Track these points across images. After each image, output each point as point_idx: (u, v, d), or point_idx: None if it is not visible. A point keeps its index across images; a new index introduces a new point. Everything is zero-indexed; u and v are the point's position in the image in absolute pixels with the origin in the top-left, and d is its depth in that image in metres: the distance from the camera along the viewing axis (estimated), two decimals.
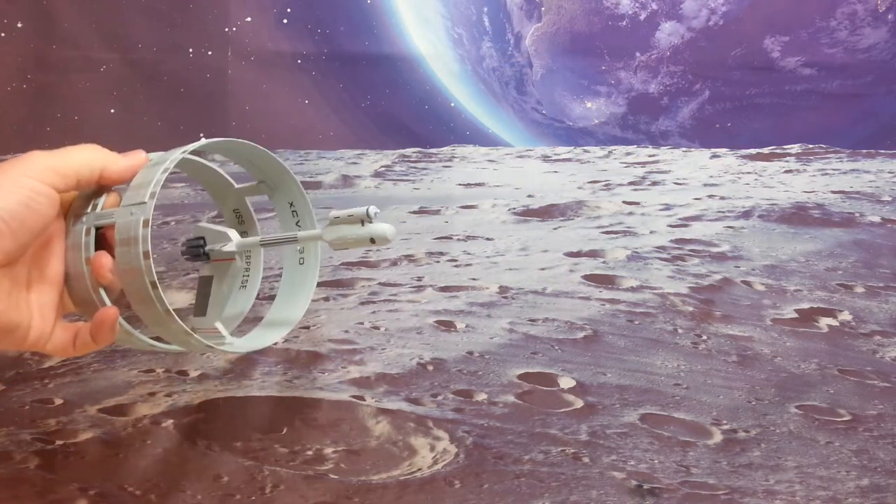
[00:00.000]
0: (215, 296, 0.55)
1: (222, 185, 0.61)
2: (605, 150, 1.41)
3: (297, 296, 0.60)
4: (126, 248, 0.45)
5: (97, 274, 0.47)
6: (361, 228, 0.47)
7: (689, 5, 1.08)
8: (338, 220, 0.48)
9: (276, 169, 0.57)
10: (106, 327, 0.47)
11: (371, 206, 0.46)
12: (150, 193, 0.45)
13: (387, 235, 0.46)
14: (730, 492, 0.55)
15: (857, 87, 1.08)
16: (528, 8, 0.98)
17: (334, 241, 0.48)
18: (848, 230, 1.30)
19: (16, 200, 0.43)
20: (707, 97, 1.17)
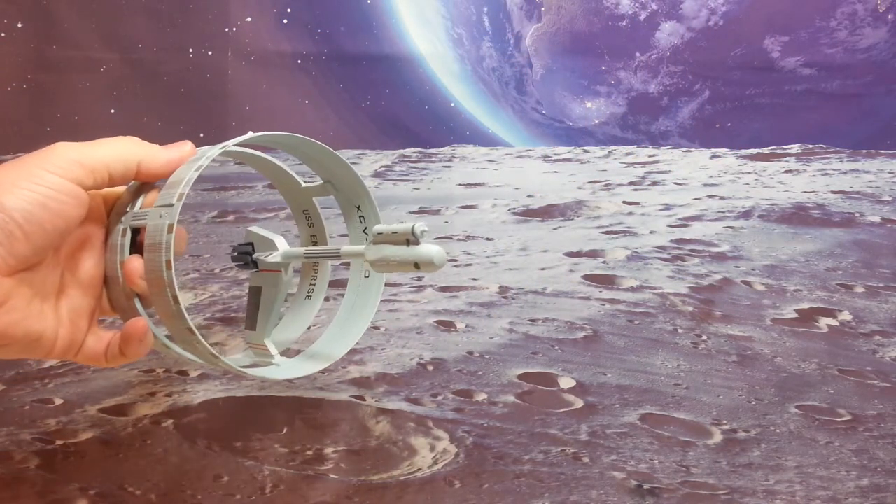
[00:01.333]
0: (264, 309, 0.52)
1: (290, 183, 0.56)
2: (605, 150, 1.41)
3: (355, 315, 0.55)
4: (152, 254, 0.42)
5: (128, 280, 0.43)
6: (406, 250, 0.40)
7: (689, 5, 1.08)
8: (380, 236, 0.41)
9: (338, 167, 0.52)
10: (134, 341, 0.43)
11: (418, 223, 0.40)
12: (178, 195, 0.42)
13: (433, 261, 0.39)
14: (730, 492, 0.55)
15: (857, 87, 1.08)
16: (528, 8, 0.98)
17: (376, 262, 0.42)
18: (848, 230, 1.30)
19: (31, 200, 0.38)
20: (707, 97, 1.17)
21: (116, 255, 0.43)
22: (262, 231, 0.51)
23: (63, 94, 0.82)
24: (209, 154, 0.44)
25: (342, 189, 0.53)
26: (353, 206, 0.54)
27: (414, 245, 0.40)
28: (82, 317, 0.44)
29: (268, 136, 0.47)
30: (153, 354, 0.76)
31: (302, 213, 0.58)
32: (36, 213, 0.39)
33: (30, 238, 0.38)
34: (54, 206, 0.39)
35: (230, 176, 1.57)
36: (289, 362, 0.52)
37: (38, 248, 0.39)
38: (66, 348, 0.42)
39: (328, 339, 0.54)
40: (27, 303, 0.40)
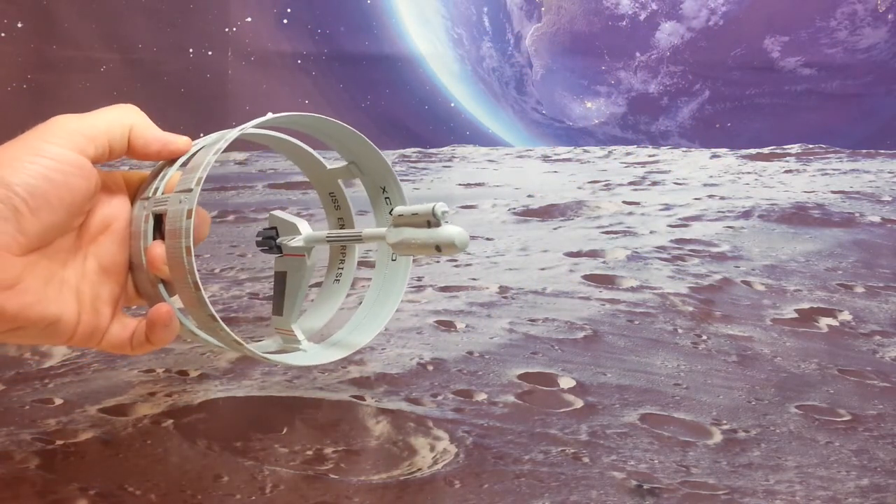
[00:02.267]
0: (290, 294, 0.50)
1: (315, 166, 0.55)
2: (605, 150, 1.41)
3: (381, 301, 0.54)
4: (172, 240, 0.40)
5: (152, 266, 0.42)
6: (426, 232, 0.38)
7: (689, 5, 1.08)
8: (401, 218, 0.40)
9: (362, 148, 0.50)
10: (159, 326, 0.42)
11: (439, 203, 0.38)
12: (196, 179, 0.40)
13: (454, 242, 0.37)
14: (730, 492, 0.55)
15: (857, 87, 1.08)
16: (528, 8, 0.98)
17: (397, 244, 0.40)
18: (848, 230, 1.30)
19: (34, 173, 0.37)
20: (707, 97, 1.17)
21: (140, 241, 0.42)
22: (285, 215, 0.49)
23: (63, 94, 0.82)
24: (227, 136, 0.43)
25: (367, 171, 0.52)
26: (379, 189, 0.53)
27: (435, 227, 0.38)
28: (106, 303, 0.42)
29: (287, 117, 0.46)
30: (153, 354, 0.76)
31: (328, 196, 0.56)
32: (40, 187, 0.37)
33: (37, 213, 0.37)
34: (58, 177, 0.38)
35: (230, 176, 1.57)
36: (314, 349, 0.51)
37: (47, 224, 0.38)
38: (89, 335, 0.41)
39: (354, 325, 0.53)
40: (43, 285, 0.38)
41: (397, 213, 0.40)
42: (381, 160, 0.51)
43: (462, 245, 0.38)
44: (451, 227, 0.38)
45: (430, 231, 0.38)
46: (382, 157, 0.51)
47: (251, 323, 0.83)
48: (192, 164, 0.43)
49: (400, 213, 0.40)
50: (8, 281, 0.36)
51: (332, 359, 0.49)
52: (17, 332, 0.38)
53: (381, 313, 0.53)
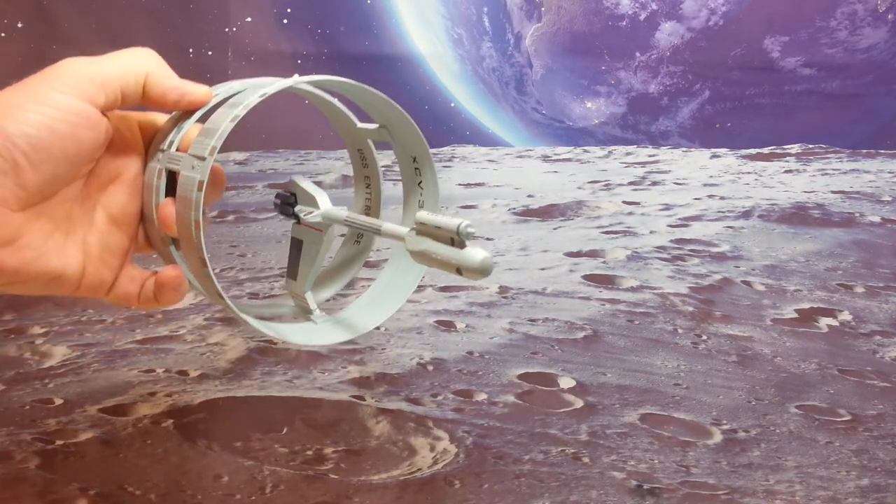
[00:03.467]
0: (305, 263, 0.49)
1: (345, 121, 0.53)
2: (605, 150, 1.41)
3: (395, 283, 0.52)
4: (183, 208, 0.38)
5: (163, 225, 0.39)
6: (449, 250, 0.36)
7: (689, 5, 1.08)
8: (424, 227, 0.37)
9: (392, 113, 0.48)
10: (168, 289, 0.40)
11: (465, 221, 0.35)
12: (210, 148, 0.38)
13: (477, 269, 0.35)
14: (730, 492, 0.55)
15: (857, 87, 1.08)
16: (528, 8, 0.98)
17: (416, 253, 0.38)
18: (848, 230, 1.30)
19: (36, 123, 0.34)
20: (707, 97, 1.17)
21: (152, 195, 0.40)
22: (307, 184, 0.47)
23: None
24: (247, 103, 0.40)
25: (398, 137, 0.50)
26: (409, 157, 0.51)
27: (458, 246, 0.35)
28: (114, 255, 0.40)
29: (315, 80, 0.44)
30: (153, 354, 0.76)
31: (357, 153, 0.55)
32: (42, 138, 0.34)
33: (37, 167, 0.34)
34: (63, 128, 0.35)
35: (230, 176, 1.57)
36: (323, 322, 0.50)
37: (48, 178, 0.35)
38: (95, 286, 0.39)
39: (362, 306, 0.51)
40: (44, 239, 0.36)
41: (421, 219, 0.37)
42: (413, 129, 0.49)
43: (485, 273, 0.35)
44: (477, 252, 0.35)
45: (453, 250, 0.36)
46: (415, 125, 0.48)
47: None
48: (210, 124, 0.40)
49: (423, 221, 0.37)
50: (6, 237, 0.35)
51: (332, 341, 0.48)
52: (18, 286, 0.36)
53: (395, 295, 0.51)
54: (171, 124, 0.42)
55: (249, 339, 0.79)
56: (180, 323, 0.83)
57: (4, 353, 0.76)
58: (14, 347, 0.77)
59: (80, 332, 0.81)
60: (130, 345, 0.78)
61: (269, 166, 1.77)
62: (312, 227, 0.47)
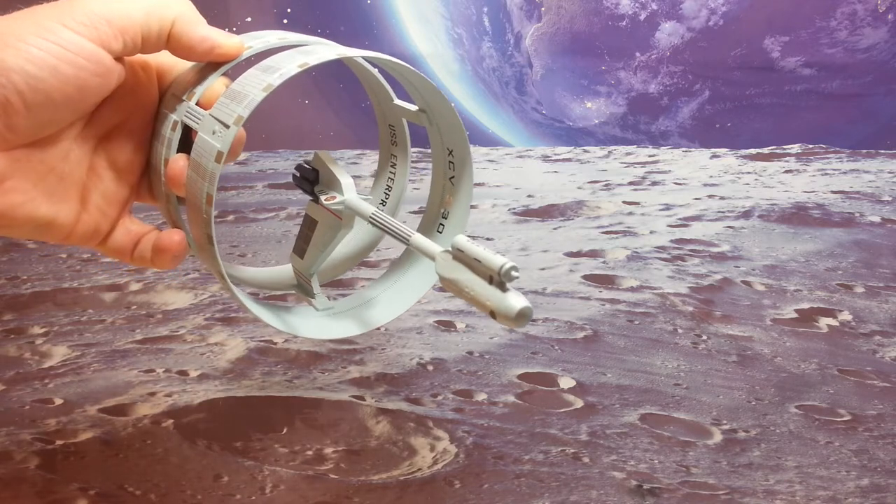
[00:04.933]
0: (315, 245, 0.45)
1: (382, 94, 0.49)
2: (605, 150, 1.41)
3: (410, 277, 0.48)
4: (196, 175, 0.35)
5: (170, 182, 0.36)
6: (486, 289, 0.32)
7: (689, 5, 1.08)
8: (461, 255, 0.33)
9: (435, 98, 0.44)
10: (167, 255, 0.37)
11: (510, 262, 0.31)
12: (236, 118, 0.35)
13: (515, 319, 0.32)
14: (730, 492, 0.55)
15: (857, 87, 1.08)
16: (528, 8, 0.98)
17: (447, 280, 0.34)
18: (848, 230, 1.30)
19: (39, 60, 0.30)
20: (707, 97, 1.17)
21: (163, 146, 0.37)
22: (332, 164, 0.42)
23: None
24: (284, 72, 0.37)
25: (437, 124, 0.46)
26: (445, 149, 0.47)
27: (497, 287, 0.32)
28: (113, 204, 0.37)
29: (360, 55, 0.41)
30: (153, 354, 0.76)
31: (388, 128, 0.51)
32: (43, 79, 0.30)
33: (32, 110, 0.30)
34: (68, 71, 0.31)
35: (230, 176, 1.57)
36: (325, 310, 0.46)
37: (42, 122, 0.31)
38: (89, 235, 0.36)
39: (374, 298, 0.48)
40: (34, 183, 0.32)
41: (459, 245, 0.33)
42: (455, 119, 0.45)
43: (522, 323, 0.32)
44: (517, 299, 0.32)
45: (491, 291, 0.32)
46: (458, 117, 0.45)
47: (251, 323, 0.83)
48: (239, 86, 0.37)
49: (462, 248, 0.33)
50: None
51: (345, 334, 0.46)
52: (4, 230, 0.33)
53: (410, 290, 0.47)
54: (195, 73, 0.38)
55: (249, 339, 0.79)
56: (180, 323, 0.83)
57: (4, 353, 0.76)
58: (14, 347, 0.77)
59: (80, 332, 0.81)
60: (130, 345, 0.78)
61: (269, 166, 1.77)
62: (331, 211, 0.43)
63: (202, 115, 0.36)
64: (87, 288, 0.90)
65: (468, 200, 0.48)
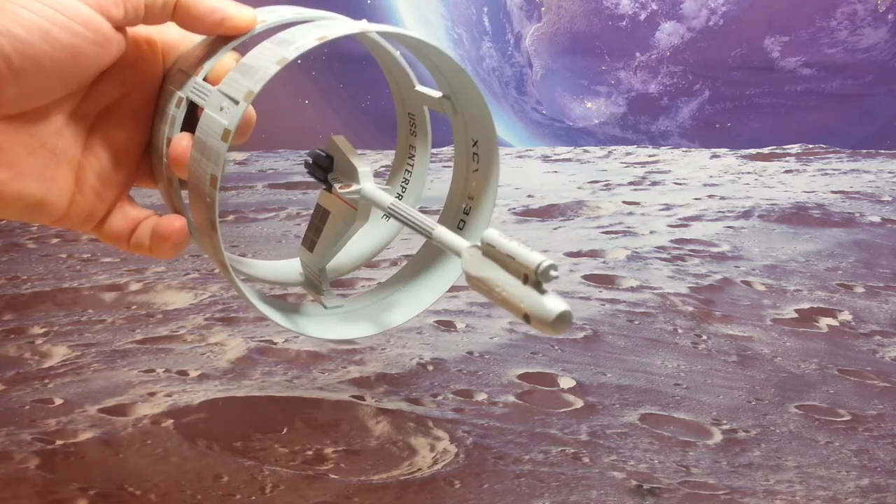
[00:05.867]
0: (326, 238, 0.41)
1: (402, 79, 0.45)
2: (605, 150, 1.41)
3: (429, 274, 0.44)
4: (200, 155, 0.32)
5: (172, 164, 0.33)
6: (520, 289, 0.28)
7: (689, 5, 1.08)
8: (491, 251, 0.29)
9: (462, 82, 0.40)
10: (165, 243, 0.34)
11: (548, 259, 0.27)
12: (246, 93, 0.32)
13: (552, 323, 0.28)
14: (730, 492, 0.55)
15: (857, 87, 1.08)
16: (528, 8, 0.98)
17: (474, 279, 0.30)
18: (848, 230, 1.30)
19: (31, 24, 0.27)
20: (707, 97, 1.17)
21: (165, 124, 0.34)
22: (349, 151, 0.39)
23: None
24: (299, 45, 0.34)
25: (462, 112, 0.42)
26: (469, 140, 0.43)
27: (533, 288, 0.28)
28: (110, 186, 0.34)
29: (384, 30, 0.38)
30: (153, 354, 0.76)
31: (406, 117, 0.47)
32: (33, 44, 0.27)
33: (20, 77, 0.27)
34: (62, 38, 0.28)
35: (230, 176, 1.57)
36: (334, 308, 0.42)
37: (30, 91, 0.29)
38: (83, 219, 0.33)
39: (387, 297, 0.45)
40: (24, 157, 0.30)
41: (489, 239, 0.29)
42: (482, 108, 0.41)
43: (560, 331, 0.28)
44: (556, 303, 0.27)
45: (525, 291, 0.28)
46: (486, 105, 0.41)
47: (251, 323, 0.83)
48: (250, 59, 0.34)
49: (492, 243, 0.29)
50: None
51: (357, 334, 0.42)
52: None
53: (428, 287, 0.44)
54: (204, 47, 0.35)
55: (249, 339, 0.79)
56: (180, 323, 0.83)
57: (4, 353, 0.76)
58: (14, 347, 0.77)
59: (80, 332, 0.81)
60: (130, 345, 0.78)
61: (269, 166, 1.77)
62: (346, 201, 0.40)
63: (210, 90, 0.33)
64: (87, 288, 0.90)
65: (493, 196, 0.44)
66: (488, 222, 0.46)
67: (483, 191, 0.45)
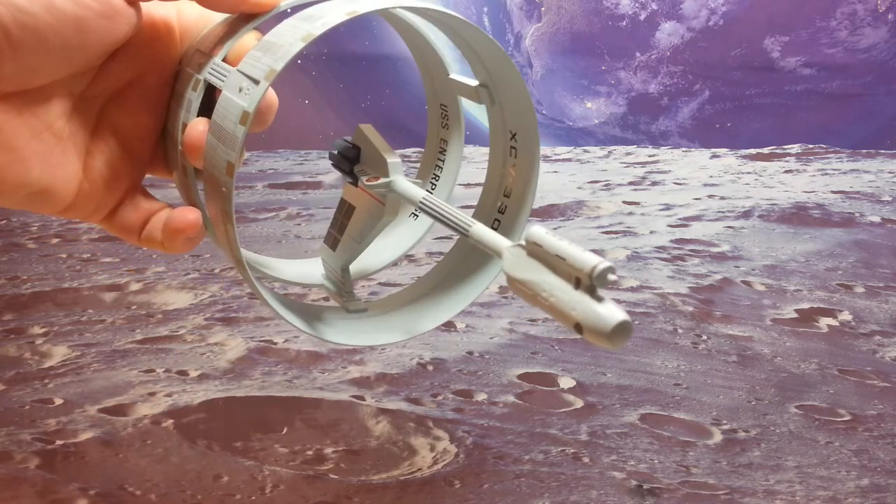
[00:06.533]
0: (350, 235, 0.39)
1: (435, 66, 0.42)
2: (605, 150, 1.41)
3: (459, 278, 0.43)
4: (216, 142, 0.30)
5: (188, 151, 0.31)
6: (571, 294, 0.25)
7: (689, 5, 1.08)
8: (538, 250, 0.26)
9: (502, 69, 0.37)
10: (178, 238, 0.32)
11: (605, 261, 0.24)
12: (267, 72, 0.30)
13: (608, 333, 0.24)
14: (730, 492, 0.55)
15: (857, 87, 1.08)
16: (528, 8, 0.98)
17: (517, 282, 0.27)
18: (848, 230, 1.30)
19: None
20: (707, 97, 1.17)
21: (181, 109, 0.32)
22: (377, 139, 0.36)
23: None
24: (326, 20, 0.32)
25: (501, 102, 0.39)
26: (507, 132, 0.40)
27: (586, 293, 0.25)
28: (120, 175, 0.32)
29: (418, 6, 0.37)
30: (153, 354, 0.76)
31: (438, 109, 0.44)
32: (35, 15, 0.26)
33: (20, 51, 0.26)
34: (67, 7, 0.26)
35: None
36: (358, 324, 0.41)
37: (31, 67, 0.27)
38: (91, 210, 0.31)
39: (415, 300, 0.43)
40: (26, 141, 0.28)
41: (536, 237, 0.27)
42: (524, 98, 0.38)
43: (618, 343, 0.25)
44: (613, 310, 0.24)
45: (577, 297, 0.25)
46: (528, 94, 0.38)
47: (251, 323, 0.83)
48: (272, 36, 0.32)
49: (538, 242, 0.26)
50: None
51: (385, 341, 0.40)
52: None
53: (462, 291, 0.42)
54: (224, 27, 0.33)
55: (249, 339, 0.79)
56: (180, 323, 0.83)
57: (4, 353, 0.76)
58: (14, 347, 0.77)
59: (80, 332, 0.81)
60: (130, 345, 0.78)
61: (269, 166, 1.77)
62: (373, 195, 0.37)
63: (229, 71, 0.31)
64: (87, 288, 0.90)
65: (532, 194, 0.41)
66: (525, 223, 0.42)
67: (522, 188, 0.42)
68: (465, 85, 0.40)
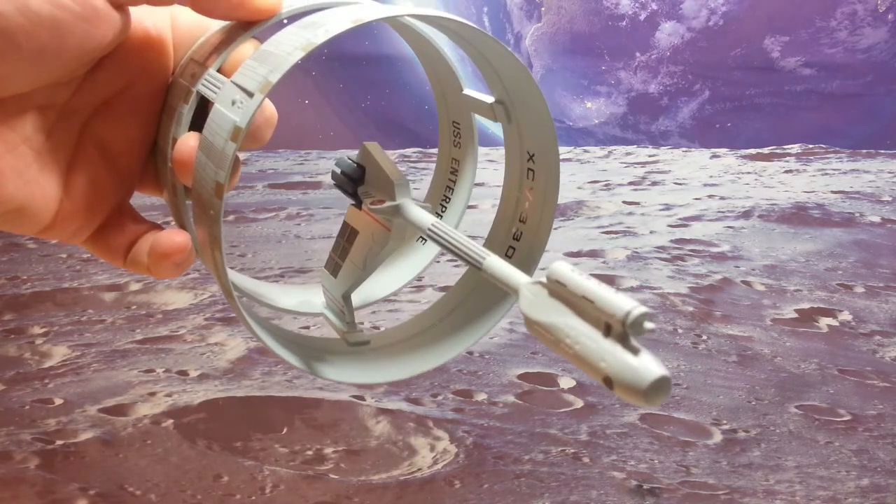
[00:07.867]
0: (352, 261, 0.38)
1: (447, 79, 0.42)
2: (605, 150, 1.41)
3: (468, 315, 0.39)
4: (205, 157, 0.28)
5: (177, 168, 0.28)
6: (600, 343, 0.21)
7: (689, 5, 1.08)
8: (560, 290, 0.23)
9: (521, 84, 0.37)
10: (165, 262, 0.28)
11: (641, 306, 0.19)
12: (262, 84, 0.28)
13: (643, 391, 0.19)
14: (730, 492, 0.55)
15: (857, 87, 1.08)
16: (528, 8, 0.98)
17: (536, 324, 0.23)
18: (848, 230, 1.30)
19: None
20: (707, 97, 1.17)
21: (172, 122, 0.29)
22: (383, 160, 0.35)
23: None
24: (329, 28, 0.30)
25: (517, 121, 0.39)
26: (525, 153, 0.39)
27: (618, 342, 0.21)
28: (105, 194, 0.29)
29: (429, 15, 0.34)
30: (153, 354, 0.76)
31: (450, 125, 0.43)
32: (13, 21, 0.23)
33: None
34: (42, 9, 0.24)
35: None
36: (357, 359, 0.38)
37: (2, 74, 0.24)
38: (73, 230, 0.28)
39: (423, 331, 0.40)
40: (0, 155, 0.25)
41: (559, 275, 0.23)
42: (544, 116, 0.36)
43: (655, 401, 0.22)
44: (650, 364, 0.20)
45: (607, 347, 0.21)
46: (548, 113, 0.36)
47: None
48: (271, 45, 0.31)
49: (562, 280, 0.23)
50: None
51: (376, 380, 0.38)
52: None
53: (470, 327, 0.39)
54: (220, 35, 0.30)
55: (249, 339, 0.79)
56: (180, 323, 0.83)
57: (4, 353, 0.76)
58: (14, 347, 0.77)
59: (80, 332, 0.81)
60: (130, 345, 0.78)
61: (269, 166, 1.77)
62: (378, 220, 0.36)
63: (223, 82, 0.28)
64: (87, 288, 0.90)
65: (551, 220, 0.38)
66: (542, 252, 0.38)
67: (539, 213, 0.39)
68: (479, 101, 0.37)
